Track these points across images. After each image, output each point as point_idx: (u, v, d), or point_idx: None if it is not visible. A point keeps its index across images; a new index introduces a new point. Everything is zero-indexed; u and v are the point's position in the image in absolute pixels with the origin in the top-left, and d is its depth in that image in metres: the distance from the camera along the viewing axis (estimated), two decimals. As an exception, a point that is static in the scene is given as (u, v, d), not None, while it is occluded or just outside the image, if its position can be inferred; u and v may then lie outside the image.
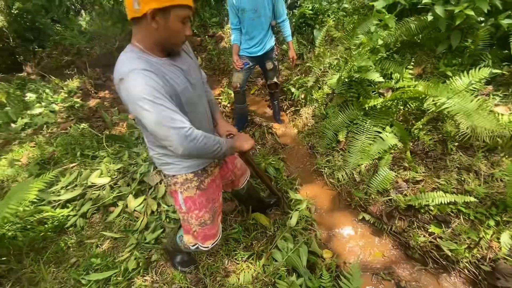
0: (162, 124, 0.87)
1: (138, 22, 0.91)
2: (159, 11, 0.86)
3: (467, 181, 1.84)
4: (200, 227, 1.29)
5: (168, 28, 0.90)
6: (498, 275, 1.52)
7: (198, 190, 1.23)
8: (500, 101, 2.22)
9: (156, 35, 0.92)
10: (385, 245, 1.88)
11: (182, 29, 0.94)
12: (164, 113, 0.87)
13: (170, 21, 0.89)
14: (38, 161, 2.76)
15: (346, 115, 2.52)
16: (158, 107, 0.86)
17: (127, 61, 0.90)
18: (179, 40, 0.98)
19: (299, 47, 3.77)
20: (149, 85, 0.85)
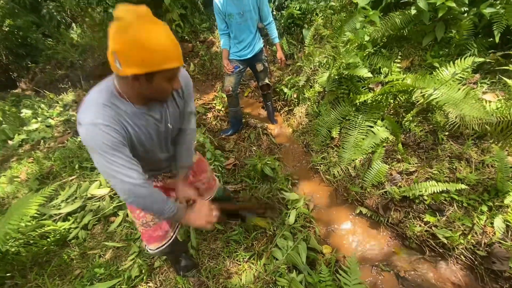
0: (107, 175, 0.92)
1: (120, 77, 0.88)
2: (141, 76, 0.81)
3: (458, 169, 1.88)
4: (143, 227, 1.29)
5: (152, 88, 0.87)
6: (494, 259, 1.56)
7: None
8: (487, 89, 2.26)
9: (139, 90, 0.89)
10: (382, 237, 1.91)
11: (167, 86, 0.90)
12: (111, 167, 0.89)
13: (155, 83, 0.85)
14: (37, 176, 2.78)
15: (338, 111, 2.55)
16: (107, 161, 0.88)
17: (93, 107, 0.88)
18: (165, 96, 0.96)
19: (289, 47, 3.82)
20: (103, 141, 0.86)
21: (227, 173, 2.49)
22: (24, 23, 6.73)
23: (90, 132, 0.86)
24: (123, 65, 0.79)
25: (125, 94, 0.92)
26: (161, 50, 0.79)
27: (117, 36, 0.77)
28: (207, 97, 3.88)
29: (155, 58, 0.79)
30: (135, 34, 0.76)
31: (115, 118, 0.89)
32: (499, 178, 1.68)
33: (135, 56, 0.77)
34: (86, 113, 0.87)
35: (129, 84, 0.87)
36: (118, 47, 0.77)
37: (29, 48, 7.19)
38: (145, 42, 0.76)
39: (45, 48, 6.98)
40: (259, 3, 2.34)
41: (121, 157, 0.91)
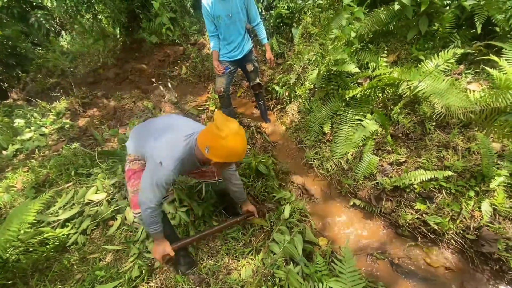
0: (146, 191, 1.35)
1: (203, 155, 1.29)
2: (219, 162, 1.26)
3: (446, 157, 1.94)
4: (133, 194, 1.57)
5: (219, 167, 1.39)
6: (483, 241, 1.62)
7: (142, 167, 1.57)
8: (472, 79, 2.34)
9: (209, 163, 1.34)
10: (376, 227, 1.97)
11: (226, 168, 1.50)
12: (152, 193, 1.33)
13: (222, 165, 1.35)
14: (33, 185, 2.78)
15: (329, 107, 2.61)
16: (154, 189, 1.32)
17: (178, 155, 1.32)
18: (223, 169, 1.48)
19: (279, 46, 3.87)
20: (166, 180, 1.31)
21: (223, 173, 2.53)
22: (12, 32, 6.68)
23: (165, 171, 1.30)
24: (211, 155, 1.23)
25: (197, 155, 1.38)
26: (239, 154, 1.25)
27: (214, 139, 1.19)
28: (200, 98, 3.91)
29: (233, 158, 1.25)
30: (228, 143, 1.19)
31: (180, 169, 1.35)
32: (485, 164, 1.75)
33: (223, 154, 1.22)
34: (173, 157, 1.31)
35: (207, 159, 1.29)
36: (213, 145, 1.20)
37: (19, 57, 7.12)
38: (232, 150, 1.21)
39: (35, 57, 6.94)
40: (246, 5, 2.38)
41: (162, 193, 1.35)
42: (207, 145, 1.22)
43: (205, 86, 4.29)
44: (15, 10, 6.54)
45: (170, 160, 1.29)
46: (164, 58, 5.04)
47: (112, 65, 6.12)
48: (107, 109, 4.65)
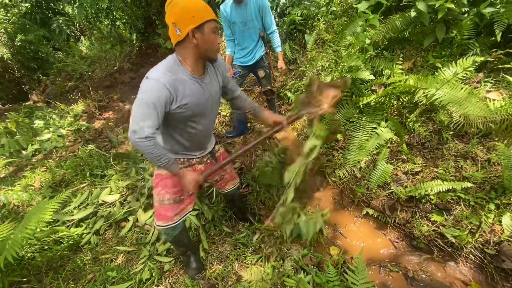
0: (132, 117, 1.13)
1: (181, 44, 1.15)
2: (196, 29, 1.10)
3: (464, 168, 1.88)
4: (158, 204, 1.47)
5: (205, 40, 1.14)
6: (503, 257, 1.55)
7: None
8: (491, 87, 2.27)
9: (196, 49, 1.15)
10: (390, 238, 1.91)
11: (215, 38, 1.17)
12: (141, 115, 1.10)
13: (206, 34, 1.13)
14: (50, 184, 2.87)
15: (342, 114, 2.58)
16: (144, 110, 1.10)
17: (161, 68, 1.14)
18: (215, 48, 1.20)
19: (292, 52, 3.88)
20: (155, 94, 1.10)
21: (233, 177, 2.53)
22: (35, 37, 7.00)
23: (151, 84, 1.10)
24: (182, 28, 1.09)
25: (184, 61, 1.19)
26: (201, 7, 1.11)
27: (171, 10, 1.10)
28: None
29: (200, 12, 1.10)
30: (183, 2, 1.08)
31: (173, 82, 1.13)
32: (506, 175, 1.68)
33: (187, 17, 1.08)
34: (155, 71, 1.13)
35: (189, 48, 1.15)
36: (175, 17, 1.09)
37: (40, 61, 7.45)
38: (191, 5, 1.09)
39: (56, 61, 7.23)
40: (261, 13, 2.41)
41: (155, 115, 1.11)
42: (172, 22, 1.10)
43: (217, 91, 4.34)
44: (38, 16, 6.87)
45: (155, 71, 1.14)
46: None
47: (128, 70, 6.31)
48: (122, 112, 4.78)
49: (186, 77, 1.19)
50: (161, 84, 1.10)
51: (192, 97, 1.22)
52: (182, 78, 1.18)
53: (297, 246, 1.87)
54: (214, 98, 1.35)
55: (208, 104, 1.32)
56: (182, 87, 1.17)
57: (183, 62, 1.19)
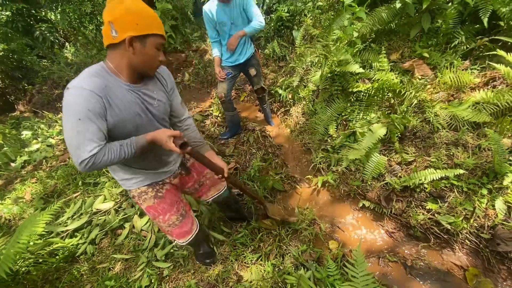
0: (69, 149, 0.95)
1: (114, 47, 0.98)
2: (136, 38, 0.95)
3: (456, 155, 1.90)
4: (171, 228, 1.42)
5: (144, 53, 0.99)
6: (498, 240, 1.58)
7: (155, 199, 1.33)
8: (478, 74, 2.30)
9: (131, 59, 0.99)
10: (387, 228, 1.93)
11: (156, 55, 1.02)
12: (77, 137, 0.91)
13: (147, 47, 0.98)
14: (42, 195, 2.81)
15: (333, 109, 2.59)
16: (76, 129, 0.90)
17: (85, 75, 0.95)
18: (154, 65, 1.05)
19: (281, 49, 3.87)
20: (85, 106, 0.90)
21: (229, 178, 2.52)
22: (18, 46, 6.81)
23: (75, 95, 0.90)
24: (120, 31, 0.93)
25: (116, 68, 1.01)
26: (152, 17, 0.97)
27: (113, 7, 0.93)
28: (204, 104, 3.92)
29: (148, 22, 0.96)
30: (130, 4, 0.93)
31: (102, 88, 0.94)
32: (496, 160, 1.70)
33: (130, 21, 0.92)
34: (75, 80, 0.93)
35: (123, 54, 0.98)
36: (115, 16, 0.92)
37: (25, 70, 7.26)
38: (139, 10, 0.94)
39: (41, 69, 7.06)
40: (244, 7, 2.36)
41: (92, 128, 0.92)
42: (109, 21, 0.92)
43: (208, 92, 4.31)
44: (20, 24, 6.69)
45: (76, 79, 0.93)
46: (167, 65, 5.06)
47: (116, 74, 6.20)
48: (112, 118, 4.69)
49: (118, 84, 1.00)
50: (87, 91, 0.90)
51: (130, 108, 1.03)
52: (114, 85, 0.99)
53: (296, 242, 1.87)
54: (160, 108, 1.16)
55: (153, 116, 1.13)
56: (115, 96, 0.98)
57: (113, 68, 1.01)
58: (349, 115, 2.46)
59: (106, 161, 0.97)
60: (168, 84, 1.23)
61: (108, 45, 0.98)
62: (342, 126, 2.57)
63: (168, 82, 1.23)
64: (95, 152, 0.93)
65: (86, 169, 0.95)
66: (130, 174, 1.24)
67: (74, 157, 0.93)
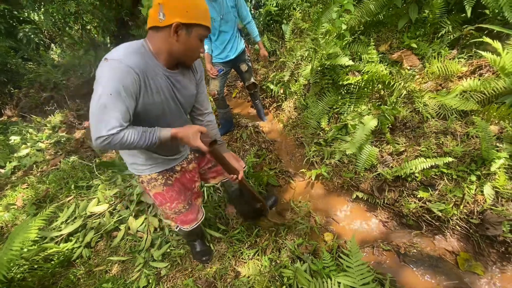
0: (91, 121, 0.90)
1: (159, 30, 0.95)
2: (183, 26, 0.93)
3: (445, 144, 1.94)
4: (176, 215, 1.44)
5: (187, 43, 0.97)
6: (487, 225, 1.62)
7: (165, 186, 1.33)
8: (465, 63, 2.34)
9: (173, 46, 0.97)
10: (380, 218, 1.96)
11: (199, 46, 1.01)
12: (103, 111, 0.87)
13: (191, 37, 0.96)
14: (34, 201, 2.76)
15: (325, 102, 2.60)
16: (105, 102, 0.86)
17: (125, 49, 0.92)
18: (194, 56, 1.05)
19: (271, 44, 3.86)
20: (120, 81, 0.86)
21: (223, 175, 2.52)
22: (1, 49, 6.62)
23: (112, 68, 0.87)
24: (168, 15, 0.90)
25: (156, 51, 0.98)
26: (203, 7, 0.96)
27: None
28: (196, 102, 3.89)
29: (198, 12, 0.95)
30: None
31: (142, 66, 0.92)
32: (484, 147, 1.74)
33: (181, 7, 0.91)
34: (114, 52, 0.91)
35: (165, 39, 0.95)
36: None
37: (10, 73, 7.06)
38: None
39: (27, 72, 6.88)
40: (236, 3, 2.36)
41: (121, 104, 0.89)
42: (159, 3, 0.90)
43: (200, 89, 4.27)
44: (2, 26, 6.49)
45: (115, 51, 0.91)
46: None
47: (105, 75, 6.08)
48: (103, 120, 4.62)
49: (156, 67, 0.99)
50: (125, 65, 0.87)
51: (163, 93, 1.03)
52: (152, 67, 0.97)
53: (292, 236, 1.89)
54: (188, 98, 1.17)
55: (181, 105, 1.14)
56: (151, 78, 0.97)
57: (152, 50, 0.98)
58: (340, 108, 2.48)
59: (123, 144, 0.93)
60: (198, 73, 1.22)
61: (152, 27, 0.96)
62: (333, 119, 2.58)
63: (199, 71, 1.22)
64: (114, 132, 0.89)
65: (101, 146, 0.91)
66: (142, 160, 1.23)
67: (93, 130, 0.89)
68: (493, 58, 1.98)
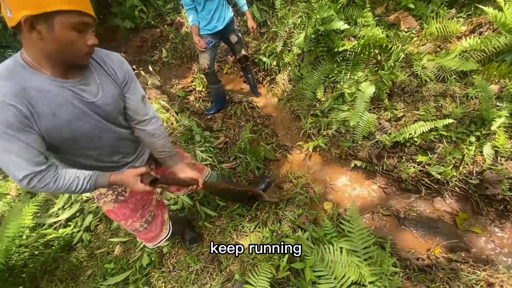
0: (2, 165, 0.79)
1: (19, 31, 0.73)
2: (37, 19, 0.69)
3: (444, 106, 1.90)
4: (135, 232, 1.26)
5: (56, 39, 0.73)
6: (486, 184, 1.62)
7: (116, 203, 1.14)
8: (464, 22, 2.24)
9: (43, 47, 0.74)
10: (379, 185, 1.96)
11: (79, 38, 0.76)
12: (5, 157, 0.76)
13: (56, 30, 0.71)
14: (28, 189, 2.71)
15: (320, 71, 2.51)
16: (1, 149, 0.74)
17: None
18: (79, 52, 0.79)
19: (261, 14, 3.66)
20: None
21: (219, 152, 2.47)
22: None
23: None
24: (13, 10, 0.68)
25: (34, 60, 0.78)
26: None
27: None
28: (186, 80, 3.75)
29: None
30: None
31: (17, 92, 0.73)
32: (484, 107, 1.71)
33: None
34: None
35: (31, 41, 0.73)
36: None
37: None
38: None
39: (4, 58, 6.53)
40: None
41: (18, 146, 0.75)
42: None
43: (189, 67, 4.11)
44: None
45: None
46: (142, 43, 4.77)
47: (89, 58, 5.81)
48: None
49: (42, 81, 0.78)
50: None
51: (65, 111, 0.81)
52: (36, 84, 0.77)
53: (292, 207, 1.88)
54: (109, 106, 0.92)
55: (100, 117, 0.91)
56: (40, 99, 0.77)
57: (30, 61, 0.77)
58: (336, 76, 2.39)
59: (52, 188, 0.83)
60: (119, 76, 0.95)
61: (12, 28, 0.72)
62: (330, 89, 2.51)
63: (119, 73, 0.95)
64: (27, 173, 0.78)
65: (30, 189, 0.81)
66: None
67: (13, 177, 0.79)
68: (494, 14, 1.89)
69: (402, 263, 1.47)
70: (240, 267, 1.60)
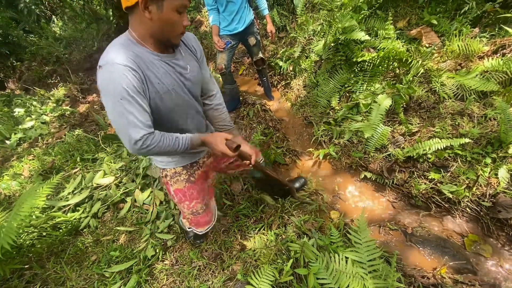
0: (117, 126, 0.88)
1: (132, 11, 0.86)
2: (151, 1, 0.82)
3: (461, 125, 1.87)
4: (193, 215, 1.38)
5: (162, 19, 0.85)
6: (499, 208, 1.59)
7: (187, 183, 1.26)
8: (487, 42, 2.22)
9: (150, 25, 0.87)
10: (389, 198, 1.94)
11: (179, 19, 0.88)
12: (122, 117, 0.85)
13: (164, 11, 0.84)
14: (40, 172, 2.78)
15: (336, 80, 2.51)
16: (119, 109, 0.84)
17: (113, 48, 0.86)
18: (176, 32, 0.92)
19: (281, 18, 3.69)
20: (121, 84, 0.81)
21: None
22: (2, 20, 6.44)
23: (108, 72, 0.82)
24: None
25: (141, 38, 0.90)
26: None
27: None
28: (201, 78, 3.80)
29: None
30: None
31: (135, 60, 0.85)
32: (502, 129, 1.68)
33: None
34: (108, 54, 0.85)
35: (141, 20, 0.86)
36: None
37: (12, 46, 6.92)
38: None
39: (28, 44, 6.73)
40: None
41: (136, 104, 0.85)
42: None
43: (206, 66, 4.16)
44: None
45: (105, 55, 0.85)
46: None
47: (108, 49, 5.93)
48: (107, 94, 4.56)
49: (147, 55, 0.91)
50: (120, 67, 0.81)
51: (167, 81, 0.94)
52: (144, 56, 0.89)
53: (298, 212, 1.88)
54: (195, 82, 1.06)
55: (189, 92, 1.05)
56: (149, 68, 0.90)
57: (137, 38, 0.90)
58: (352, 86, 2.39)
59: (161, 147, 0.93)
60: (198, 52, 1.09)
61: (126, 8, 0.86)
62: (345, 98, 2.50)
63: (197, 49, 1.09)
64: (142, 134, 0.87)
65: (139, 151, 0.90)
66: None
67: (124, 141, 0.89)
68: (520, 36, 1.87)
69: (407, 279, 1.45)
70: (243, 267, 1.60)
